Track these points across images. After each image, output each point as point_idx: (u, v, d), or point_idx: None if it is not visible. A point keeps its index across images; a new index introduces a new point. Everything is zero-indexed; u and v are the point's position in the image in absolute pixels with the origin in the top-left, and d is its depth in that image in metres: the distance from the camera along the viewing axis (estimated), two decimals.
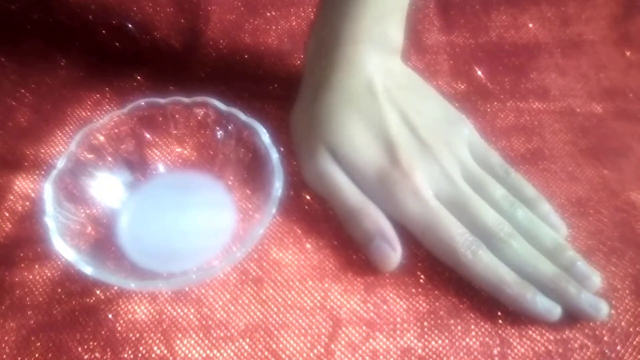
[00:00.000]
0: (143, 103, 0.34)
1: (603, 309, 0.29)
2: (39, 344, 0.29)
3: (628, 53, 0.45)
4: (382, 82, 0.34)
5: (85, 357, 0.29)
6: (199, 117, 0.34)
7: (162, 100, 0.34)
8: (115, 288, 0.30)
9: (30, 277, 0.31)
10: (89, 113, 0.39)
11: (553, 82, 0.43)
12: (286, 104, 0.38)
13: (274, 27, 0.45)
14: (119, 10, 0.45)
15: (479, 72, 0.43)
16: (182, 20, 0.45)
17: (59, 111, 0.39)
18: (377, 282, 0.31)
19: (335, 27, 0.34)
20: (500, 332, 0.30)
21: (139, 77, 0.41)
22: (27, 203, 0.34)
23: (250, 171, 0.33)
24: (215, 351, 0.29)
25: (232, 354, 0.29)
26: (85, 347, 0.29)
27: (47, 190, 0.30)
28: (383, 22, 0.34)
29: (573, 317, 0.30)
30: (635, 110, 0.41)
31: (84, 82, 0.41)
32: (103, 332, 0.29)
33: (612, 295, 0.31)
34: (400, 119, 0.34)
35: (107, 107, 0.39)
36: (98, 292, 0.30)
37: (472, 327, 0.30)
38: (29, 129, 0.38)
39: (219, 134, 0.35)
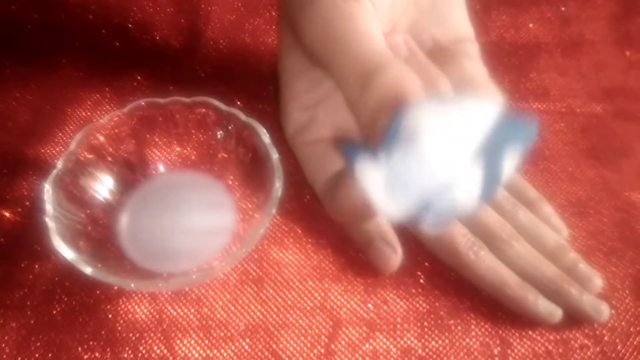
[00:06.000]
0: (143, 103, 0.33)
1: (604, 311, 0.29)
2: (39, 343, 0.29)
3: (628, 53, 0.45)
4: None
5: (85, 357, 0.29)
6: (199, 117, 0.34)
7: (162, 100, 0.34)
8: (115, 288, 0.30)
9: (30, 277, 0.31)
10: (89, 113, 0.39)
11: (553, 82, 0.43)
12: None
13: (274, 27, 0.45)
14: (119, 10, 0.45)
15: None
16: (182, 20, 0.45)
17: (59, 111, 0.39)
18: (377, 282, 0.31)
19: None
20: (500, 332, 0.30)
21: (139, 77, 0.41)
22: (27, 203, 0.34)
23: (251, 171, 0.33)
24: (215, 351, 0.29)
25: (232, 354, 0.29)
26: (85, 346, 0.29)
27: (47, 190, 0.29)
28: None
29: (573, 317, 0.30)
30: (635, 111, 0.41)
31: (84, 82, 0.41)
32: (103, 332, 0.29)
33: (612, 295, 0.31)
34: None
35: (107, 107, 0.39)
36: (98, 292, 0.30)
37: (472, 327, 0.30)
38: (29, 129, 0.38)
39: (219, 134, 0.35)
